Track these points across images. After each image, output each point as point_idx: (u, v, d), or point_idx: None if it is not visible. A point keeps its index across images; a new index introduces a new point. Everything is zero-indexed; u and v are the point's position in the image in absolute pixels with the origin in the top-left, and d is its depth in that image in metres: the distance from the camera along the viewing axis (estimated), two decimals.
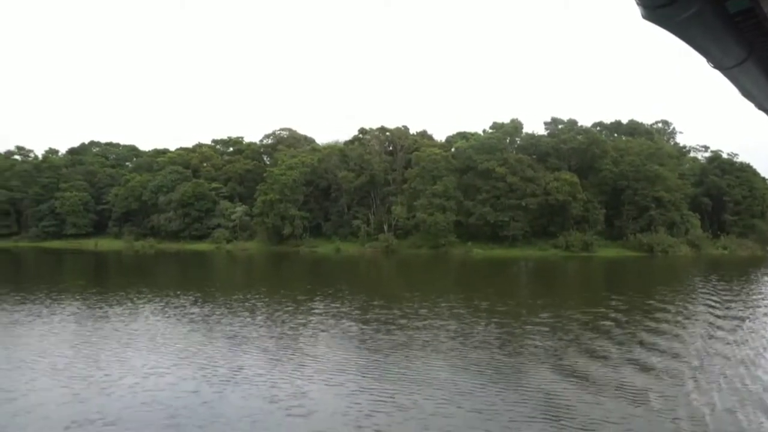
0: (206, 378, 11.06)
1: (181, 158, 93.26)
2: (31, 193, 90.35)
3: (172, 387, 10.58)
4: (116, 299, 22.87)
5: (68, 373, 11.43)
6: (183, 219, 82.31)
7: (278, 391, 10.20)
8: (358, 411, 9.23)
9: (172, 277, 38.78)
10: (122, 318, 17.98)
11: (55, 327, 16.74)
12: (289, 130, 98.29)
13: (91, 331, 16.33)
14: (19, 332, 15.78)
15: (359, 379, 11.13)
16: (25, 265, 51.83)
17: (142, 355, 13.25)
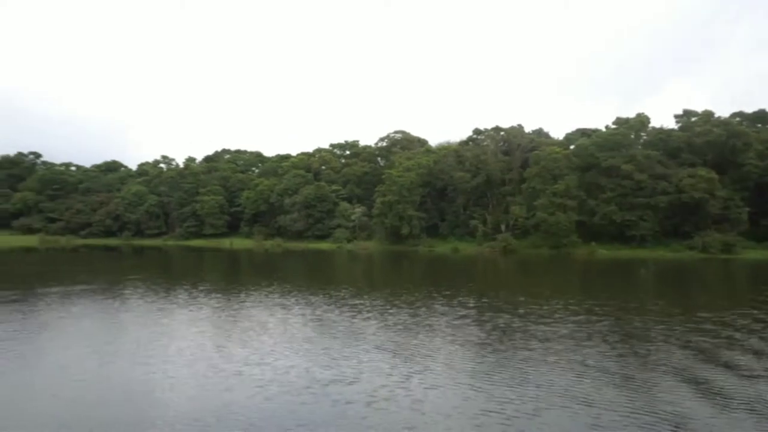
0: (320, 371, 11.55)
1: (302, 163, 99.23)
2: (176, 198, 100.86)
3: (291, 374, 11.31)
4: (250, 292, 25.34)
5: (200, 360, 12.69)
6: (306, 220, 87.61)
7: (394, 394, 10.04)
8: (473, 415, 9.13)
9: (300, 273, 41.65)
10: (254, 310, 20.09)
11: (196, 316, 18.94)
12: (402, 133, 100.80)
13: (229, 320, 17.88)
14: (165, 321, 17.98)
15: (480, 382, 10.84)
16: (173, 260, 57.81)
17: (271, 346, 14.13)
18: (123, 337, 15.17)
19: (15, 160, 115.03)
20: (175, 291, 25.58)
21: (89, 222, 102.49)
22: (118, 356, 12.81)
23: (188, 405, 9.48)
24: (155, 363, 12.15)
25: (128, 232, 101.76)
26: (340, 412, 9.11)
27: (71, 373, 11.33)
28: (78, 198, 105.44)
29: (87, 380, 10.88)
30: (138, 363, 12.13)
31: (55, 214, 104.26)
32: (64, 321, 17.51)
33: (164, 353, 13.10)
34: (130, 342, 14.39)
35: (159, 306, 20.71)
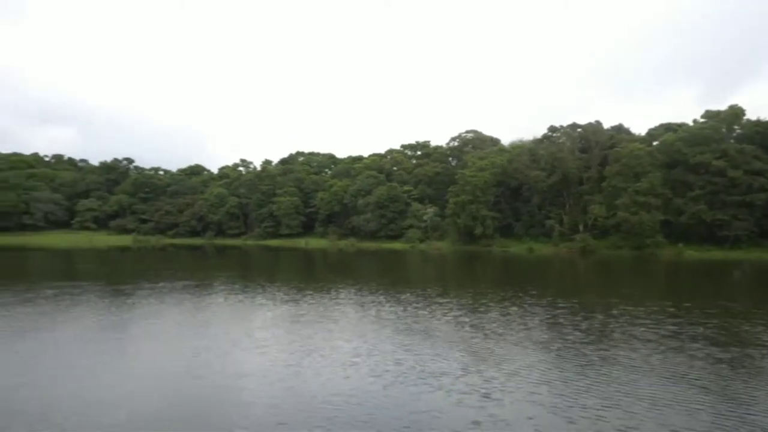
0: (396, 369, 11.60)
1: (374, 164, 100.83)
2: (254, 199, 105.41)
3: (403, 366, 11.69)
4: (339, 290, 26.22)
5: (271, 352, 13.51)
6: (379, 220, 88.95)
7: (466, 396, 9.88)
8: (592, 407, 9.14)
9: (380, 272, 42.39)
10: (348, 307, 20.82)
11: (296, 311, 19.90)
12: (474, 132, 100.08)
13: (328, 315, 18.67)
14: (269, 315, 18.96)
15: (590, 378, 10.72)
16: (256, 259, 60.46)
17: (375, 339, 14.65)
18: (236, 327, 16.41)
19: (111, 165, 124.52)
20: (270, 288, 27.04)
21: (176, 223, 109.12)
22: (237, 345, 13.94)
23: (316, 390, 10.27)
24: (272, 352, 13.14)
25: (211, 232, 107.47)
26: (456, 401, 9.58)
27: (205, 358, 12.51)
28: (166, 200, 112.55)
29: (222, 364, 11.99)
30: (257, 352, 13.17)
31: (147, 215, 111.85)
32: (173, 314, 19.10)
33: (277, 344, 14.11)
34: (244, 333, 15.56)
35: (259, 302, 22.06)
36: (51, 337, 14.78)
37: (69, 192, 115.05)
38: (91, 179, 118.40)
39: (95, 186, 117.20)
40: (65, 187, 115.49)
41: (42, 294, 23.28)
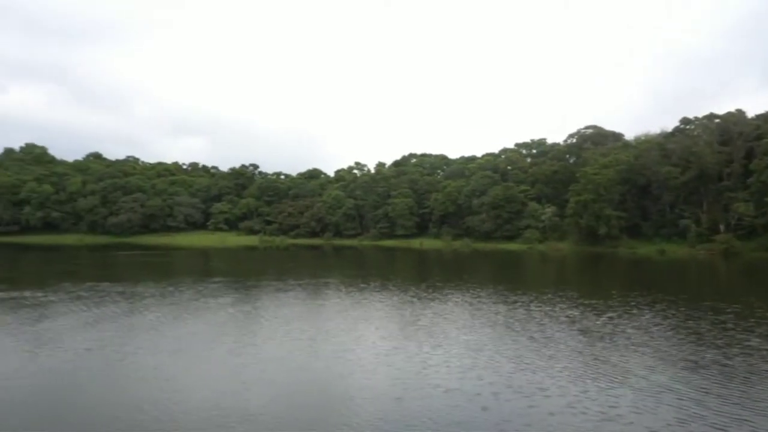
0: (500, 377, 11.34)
1: (488, 163, 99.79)
2: (370, 201, 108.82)
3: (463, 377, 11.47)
4: (439, 289, 26.46)
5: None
6: (495, 220, 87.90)
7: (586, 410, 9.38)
8: None
9: (506, 273, 42.00)
10: (500, 306, 20.91)
11: (443, 309, 20.40)
12: (594, 128, 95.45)
13: (416, 314, 19.09)
14: (357, 314, 19.75)
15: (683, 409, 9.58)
16: (369, 258, 62.50)
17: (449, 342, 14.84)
18: (389, 322, 17.49)
19: (239, 171, 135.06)
20: (404, 287, 28.12)
21: (297, 224, 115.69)
22: (408, 338, 14.91)
23: (506, 378, 10.85)
24: (440, 348, 13.92)
25: (329, 232, 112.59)
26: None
27: (365, 347, 13.61)
28: (288, 203, 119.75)
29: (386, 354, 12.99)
30: (415, 345, 14.03)
31: (271, 217, 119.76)
32: (294, 306, 20.68)
33: (446, 340, 14.90)
34: (395, 327, 16.56)
35: (402, 299, 23.14)
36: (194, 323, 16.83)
37: (204, 196, 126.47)
38: (222, 184, 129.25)
39: (226, 191, 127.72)
40: (201, 192, 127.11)
41: (184, 287, 26.26)
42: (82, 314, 18.53)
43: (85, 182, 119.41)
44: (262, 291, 25.84)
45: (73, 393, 10.28)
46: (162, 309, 19.91)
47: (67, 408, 9.49)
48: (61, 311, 19.08)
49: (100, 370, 11.64)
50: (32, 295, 22.86)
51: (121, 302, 21.44)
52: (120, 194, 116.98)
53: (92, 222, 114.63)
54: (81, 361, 12.42)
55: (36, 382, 10.79)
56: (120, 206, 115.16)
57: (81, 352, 13.24)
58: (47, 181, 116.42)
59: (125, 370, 11.71)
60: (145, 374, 11.38)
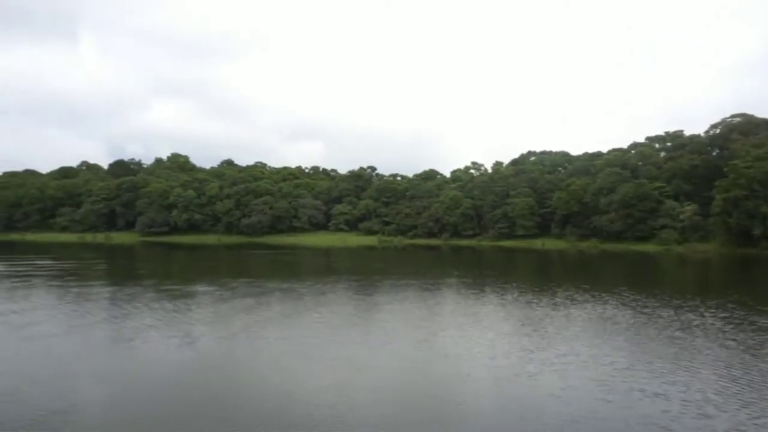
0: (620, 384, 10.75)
1: (617, 159, 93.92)
2: (488, 201, 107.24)
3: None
4: (582, 290, 24.83)
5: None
6: (625, 220, 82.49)
7: None
8: None
9: (633, 276, 39.16)
10: (553, 308, 19.53)
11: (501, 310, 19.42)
12: (742, 116, 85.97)
13: (537, 317, 18.25)
14: (474, 313, 18.93)
15: None
16: (488, 259, 61.24)
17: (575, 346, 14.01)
18: (544, 324, 17.09)
19: (358, 174, 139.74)
20: (554, 291, 27.32)
21: (415, 224, 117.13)
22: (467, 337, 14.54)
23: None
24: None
25: (447, 233, 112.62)
26: None
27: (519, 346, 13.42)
28: (405, 204, 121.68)
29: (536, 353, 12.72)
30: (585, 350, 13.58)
31: (389, 217, 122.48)
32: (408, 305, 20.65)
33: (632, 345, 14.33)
34: (551, 330, 16.14)
35: (549, 302, 22.52)
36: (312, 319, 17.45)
37: (326, 198, 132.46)
38: (342, 187, 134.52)
39: (346, 192, 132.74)
40: (323, 194, 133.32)
41: (306, 284, 27.52)
42: (274, 310, 20.29)
43: (222, 187, 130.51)
44: (407, 290, 26.55)
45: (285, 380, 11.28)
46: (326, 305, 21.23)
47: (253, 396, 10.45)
48: (250, 306, 21.04)
49: (296, 359, 12.66)
50: (205, 290, 25.60)
51: (284, 299, 23.19)
52: (251, 198, 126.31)
53: (228, 223, 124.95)
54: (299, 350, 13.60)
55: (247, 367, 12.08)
56: (252, 209, 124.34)
57: (275, 341, 14.53)
58: (190, 187, 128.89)
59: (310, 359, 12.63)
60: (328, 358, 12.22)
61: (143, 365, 12.22)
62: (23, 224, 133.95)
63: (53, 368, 11.70)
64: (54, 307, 20.19)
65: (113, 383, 10.71)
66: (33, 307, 20.07)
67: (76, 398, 9.89)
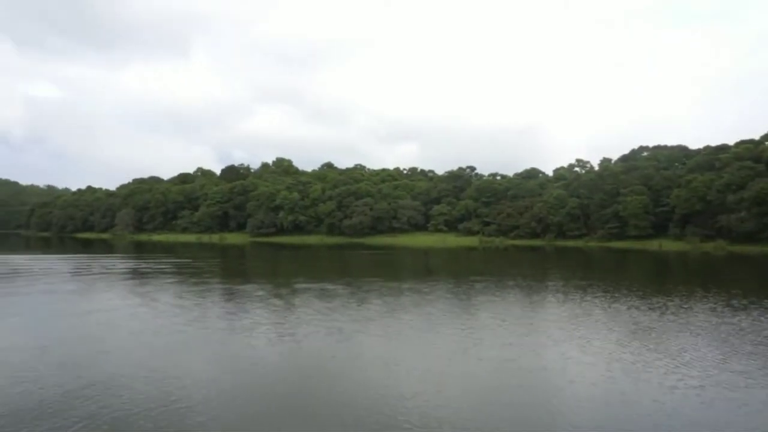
0: None
1: (747, 153, 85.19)
2: (596, 199, 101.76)
3: None
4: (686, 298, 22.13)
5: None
6: (759, 219, 74.61)
7: None
8: None
9: None
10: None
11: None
12: None
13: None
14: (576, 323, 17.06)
15: None
16: (598, 261, 57.77)
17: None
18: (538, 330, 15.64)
19: (457, 174, 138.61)
20: (682, 296, 25.25)
21: (517, 225, 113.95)
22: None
23: None
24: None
25: (551, 233, 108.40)
26: None
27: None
28: (507, 203, 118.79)
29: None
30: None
31: (489, 218, 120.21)
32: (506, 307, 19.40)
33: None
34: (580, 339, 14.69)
35: (683, 307, 20.72)
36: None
37: (424, 199, 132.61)
38: (441, 187, 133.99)
39: (445, 193, 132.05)
40: (422, 195, 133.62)
41: (408, 283, 27.10)
42: (376, 308, 20.55)
43: (324, 189, 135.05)
44: (511, 291, 25.72)
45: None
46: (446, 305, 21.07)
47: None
48: (352, 303, 21.46)
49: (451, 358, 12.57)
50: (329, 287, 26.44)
51: (386, 297, 23.34)
52: (352, 199, 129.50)
53: (330, 224, 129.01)
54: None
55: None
56: (353, 210, 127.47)
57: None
58: (295, 190, 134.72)
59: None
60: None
61: (249, 358, 12.74)
62: (150, 226, 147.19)
63: (168, 359, 12.60)
64: (177, 304, 21.46)
65: (224, 373, 11.38)
66: (157, 302, 21.80)
67: (189, 388, 10.29)
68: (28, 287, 26.35)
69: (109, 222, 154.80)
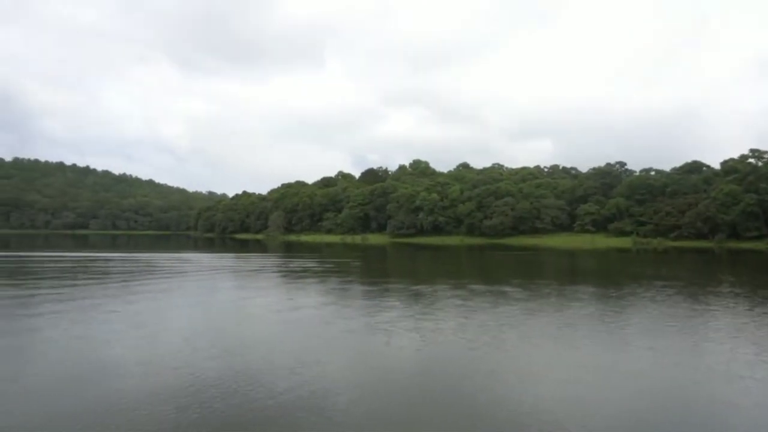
0: None
1: None
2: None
3: None
4: None
5: None
6: None
7: None
8: None
9: None
10: None
11: None
12: None
13: None
14: None
15: None
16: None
17: None
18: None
19: (605, 170, 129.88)
20: None
21: (678, 224, 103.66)
22: None
23: None
24: None
25: (721, 234, 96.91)
26: None
27: None
28: (665, 201, 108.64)
29: None
30: None
31: (644, 217, 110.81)
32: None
33: None
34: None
35: None
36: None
37: (569, 198, 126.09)
38: (587, 185, 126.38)
39: (592, 191, 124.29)
40: (566, 193, 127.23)
41: (556, 286, 24.64)
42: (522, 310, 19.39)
43: (462, 190, 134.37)
44: (678, 298, 22.76)
45: None
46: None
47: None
48: (494, 304, 20.46)
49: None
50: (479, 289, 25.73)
51: (533, 300, 21.89)
52: (492, 199, 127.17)
53: (470, 225, 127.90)
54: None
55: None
56: (493, 210, 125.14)
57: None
58: (434, 191, 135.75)
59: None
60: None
61: (387, 355, 13.01)
62: (298, 227, 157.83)
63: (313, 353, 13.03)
64: (321, 301, 21.88)
65: (363, 367, 11.89)
66: (306, 296, 23.33)
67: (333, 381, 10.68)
68: (225, 282, 29.32)
69: (263, 224, 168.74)
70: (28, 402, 9.27)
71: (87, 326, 16.24)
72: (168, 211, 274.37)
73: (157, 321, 17.42)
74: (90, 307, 19.62)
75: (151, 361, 11.98)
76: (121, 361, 12.07)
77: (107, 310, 19.14)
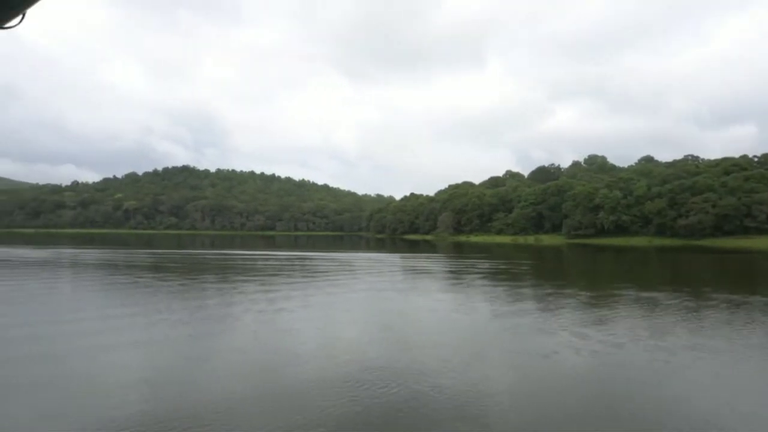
0: None
1: None
2: None
3: None
4: None
5: None
6: None
7: None
8: None
9: None
10: None
11: None
12: None
13: None
14: None
15: None
16: None
17: None
18: None
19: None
20: None
21: None
22: None
23: None
24: None
25: None
26: None
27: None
28: None
29: None
30: None
31: None
32: None
33: None
34: None
35: None
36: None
37: None
38: None
39: None
40: None
41: None
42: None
43: (650, 186, 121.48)
44: None
45: None
46: None
47: None
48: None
49: None
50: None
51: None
52: (687, 195, 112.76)
53: (660, 224, 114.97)
54: None
55: None
56: (689, 207, 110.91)
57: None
58: (616, 187, 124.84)
59: None
60: None
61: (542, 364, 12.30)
62: (467, 228, 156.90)
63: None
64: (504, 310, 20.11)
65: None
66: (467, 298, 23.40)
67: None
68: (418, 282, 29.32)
69: (432, 225, 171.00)
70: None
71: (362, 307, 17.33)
72: (342, 214, 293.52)
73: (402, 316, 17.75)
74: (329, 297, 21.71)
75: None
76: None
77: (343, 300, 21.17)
